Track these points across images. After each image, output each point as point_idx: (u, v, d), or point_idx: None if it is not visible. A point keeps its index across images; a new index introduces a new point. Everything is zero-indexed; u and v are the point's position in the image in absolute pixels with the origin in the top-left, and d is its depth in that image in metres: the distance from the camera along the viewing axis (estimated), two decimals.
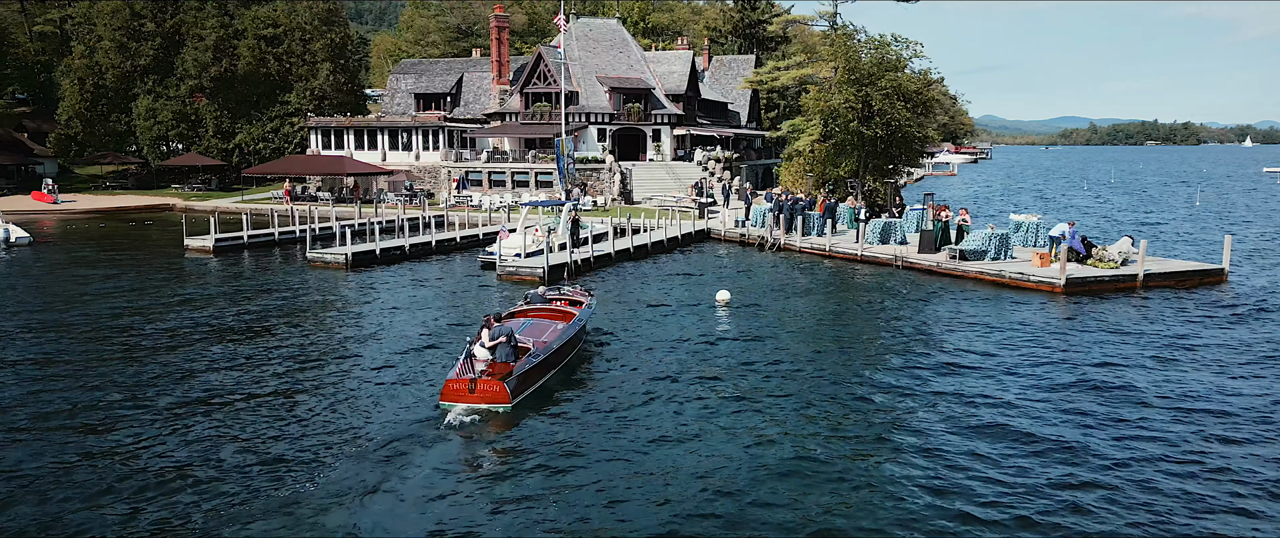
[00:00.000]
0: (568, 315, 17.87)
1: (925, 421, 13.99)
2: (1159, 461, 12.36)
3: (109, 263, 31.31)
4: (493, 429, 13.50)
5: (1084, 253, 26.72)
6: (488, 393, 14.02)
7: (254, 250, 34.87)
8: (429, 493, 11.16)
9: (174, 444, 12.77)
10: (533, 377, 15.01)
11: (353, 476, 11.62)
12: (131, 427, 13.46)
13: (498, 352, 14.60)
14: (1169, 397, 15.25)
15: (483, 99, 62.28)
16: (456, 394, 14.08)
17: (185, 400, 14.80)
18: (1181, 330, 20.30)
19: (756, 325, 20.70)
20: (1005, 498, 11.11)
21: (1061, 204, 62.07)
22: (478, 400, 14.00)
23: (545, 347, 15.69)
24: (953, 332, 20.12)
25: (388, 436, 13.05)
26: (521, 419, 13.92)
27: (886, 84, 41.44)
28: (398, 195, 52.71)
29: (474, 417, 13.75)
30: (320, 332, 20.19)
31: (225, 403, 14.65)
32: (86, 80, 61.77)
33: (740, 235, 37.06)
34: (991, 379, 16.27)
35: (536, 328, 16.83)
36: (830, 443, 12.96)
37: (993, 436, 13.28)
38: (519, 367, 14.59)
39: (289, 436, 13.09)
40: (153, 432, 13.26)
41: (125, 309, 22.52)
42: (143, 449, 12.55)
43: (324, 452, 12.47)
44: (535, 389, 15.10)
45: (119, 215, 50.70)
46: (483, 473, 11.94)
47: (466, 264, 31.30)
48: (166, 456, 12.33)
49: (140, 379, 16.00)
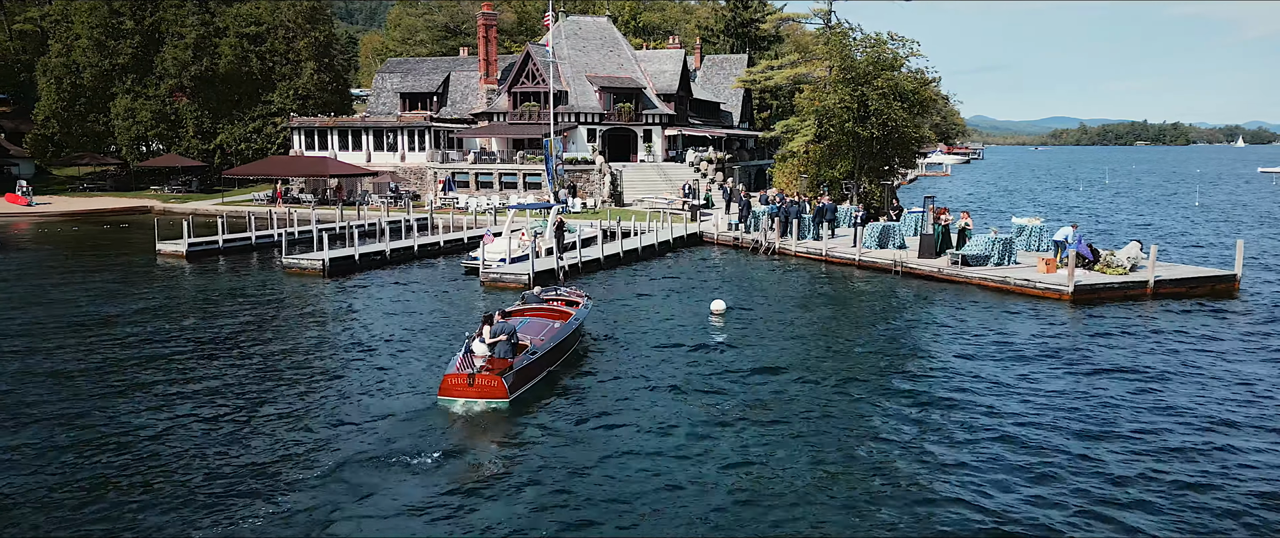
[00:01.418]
0: (565, 315, 18.06)
1: (932, 439, 12.89)
2: (1188, 488, 11.29)
3: (73, 269, 29.98)
4: (490, 424, 13.63)
5: (1091, 258, 25.71)
6: (486, 388, 14.27)
7: (230, 255, 33.59)
8: (425, 490, 11.12)
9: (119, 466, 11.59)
10: (530, 373, 15.30)
11: (325, 488, 10.49)
12: (80, 447, 12.26)
13: (497, 348, 14.73)
14: (1195, 415, 14.20)
15: (470, 99, 61.06)
16: (455, 389, 14.34)
17: (128, 422, 13.58)
18: (1200, 342, 19.26)
19: (752, 335, 19.58)
20: (1019, 522, 10.04)
21: (1061, 206, 61.23)
22: (476, 395, 14.28)
23: (542, 344, 15.98)
24: (958, 343, 19.04)
25: (372, 447, 11.91)
26: (519, 415, 14.06)
27: (883, 83, 40.47)
28: (382, 197, 51.44)
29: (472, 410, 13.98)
30: (289, 344, 18.96)
31: (176, 420, 13.45)
32: (63, 79, 60.27)
33: (734, 239, 35.97)
34: (1002, 396, 15.17)
35: (534, 326, 17.08)
36: (830, 449, 12.21)
37: (1006, 454, 12.20)
38: (517, 363, 14.84)
39: (252, 451, 11.92)
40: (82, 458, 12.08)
41: (79, 319, 21.22)
42: (91, 468, 11.36)
43: (294, 469, 11.31)
44: (532, 385, 15.32)
45: (94, 218, 49.28)
46: (480, 468, 11.98)
47: (450, 270, 30.11)
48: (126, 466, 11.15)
49: (83, 394, 14.77)
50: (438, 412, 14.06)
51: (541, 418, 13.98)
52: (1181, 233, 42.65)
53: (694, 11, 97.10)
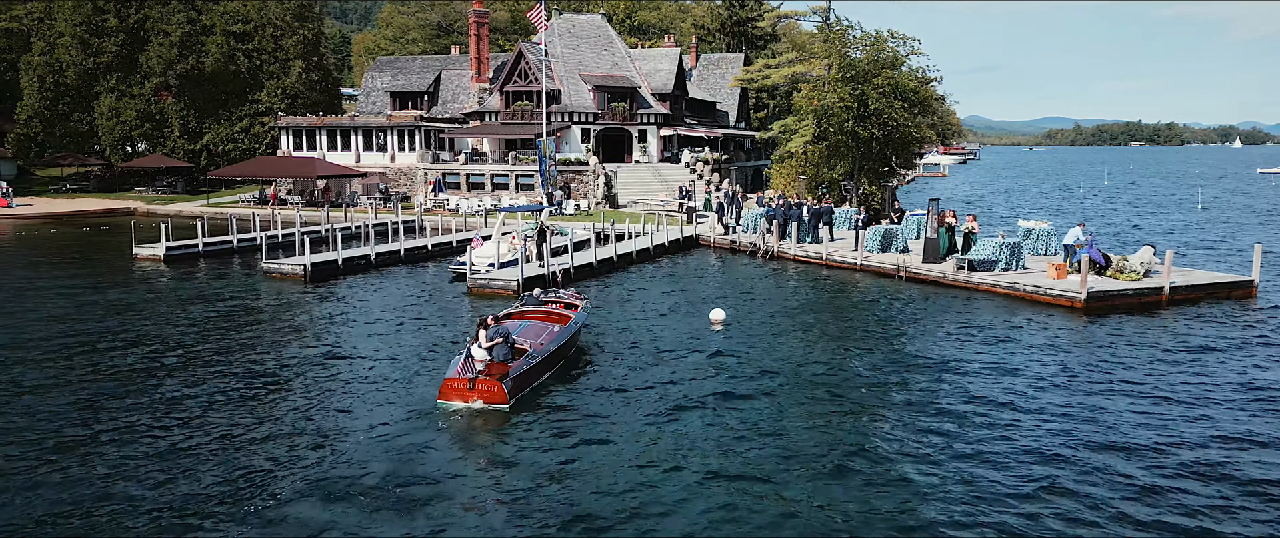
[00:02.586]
0: (564, 318, 17.80)
1: (944, 459, 11.87)
2: (1221, 512, 10.29)
3: (43, 273, 28.82)
4: (490, 429, 13.46)
5: (1103, 264, 24.73)
6: (486, 393, 14.11)
7: (210, 259, 32.44)
8: (426, 493, 11.01)
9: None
10: (530, 377, 15.08)
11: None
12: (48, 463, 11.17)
13: (495, 352, 14.57)
14: (1224, 431, 13.20)
15: (461, 98, 59.96)
16: (455, 393, 14.18)
17: (79, 436, 12.49)
18: (1224, 352, 18.26)
19: (752, 344, 18.54)
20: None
21: (1063, 209, 60.37)
22: (476, 399, 14.08)
23: (542, 348, 15.75)
24: (968, 353, 18.01)
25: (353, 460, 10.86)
26: (519, 419, 13.84)
27: (883, 82, 39.52)
28: (371, 199, 50.29)
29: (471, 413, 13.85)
30: (263, 353, 17.86)
31: (132, 433, 12.37)
32: (46, 78, 58.89)
33: (731, 242, 34.94)
34: (1018, 412, 14.15)
35: (533, 330, 16.82)
36: (831, 463, 11.44)
37: (1025, 475, 11.18)
38: (516, 367, 14.66)
39: (201, 480, 10.85)
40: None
41: (41, 330, 20.07)
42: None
43: (254, 496, 10.25)
44: (532, 390, 15.09)
45: (75, 220, 48.07)
46: (480, 472, 11.85)
47: (437, 275, 29.00)
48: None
49: (33, 412, 13.66)
50: (437, 416, 13.86)
51: (541, 423, 13.76)
52: (1189, 235, 41.73)
53: (690, 10, 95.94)
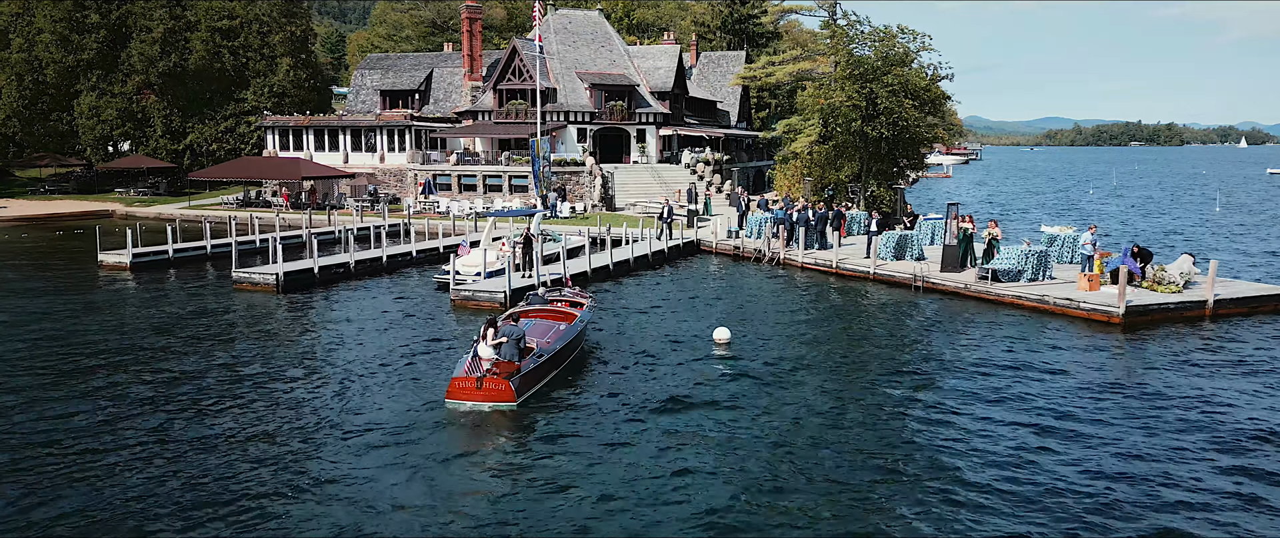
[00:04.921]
0: (569, 316, 17.63)
1: (977, 502, 9.99)
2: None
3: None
4: (498, 427, 13.42)
5: (1139, 274, 22.87)
6: (494, 392, 14.05)
7: (180, 267, 30.48)
8: (434, 493, 10.93)
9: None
10: (538, 376, 15.04)
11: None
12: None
13: (502, 350, 14.41)
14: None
15: (453, 96, 58.07)
16: (463, 393, 14.13)
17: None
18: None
19: (759, 364, 16.66)
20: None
21: (1085, 211, 58.53)
22: (484, 399, 14.04)
23: (549, 347, 15.64)
24: (996, 374, 16.13)
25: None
26: (527, 418, 13.81)
27: (893, 80, 37.64)
28: (359, 201, 48.34)
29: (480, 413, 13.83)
30: (228, 369, 15.96)
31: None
32: (25, 76, 56.96)
33: (734, 248, 33.08)
34: (1061, 443, 12.28)
35: (540, 328, 16.69)
36: (844, 479, 10.10)
37: (1072, 518, 9.33)
38: (524, 366, 14.57)
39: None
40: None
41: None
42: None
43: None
44: (539, 388, 15.02)
45: (50, 223, 46.14)
46: (489, 472, 11.77)
47: (421, 285, 27.09)
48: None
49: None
50: (445, 415, 13.86)
51: (548, 422, 13.71)
52: (1218, 241, 39.84)
53: (690, 7, 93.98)
